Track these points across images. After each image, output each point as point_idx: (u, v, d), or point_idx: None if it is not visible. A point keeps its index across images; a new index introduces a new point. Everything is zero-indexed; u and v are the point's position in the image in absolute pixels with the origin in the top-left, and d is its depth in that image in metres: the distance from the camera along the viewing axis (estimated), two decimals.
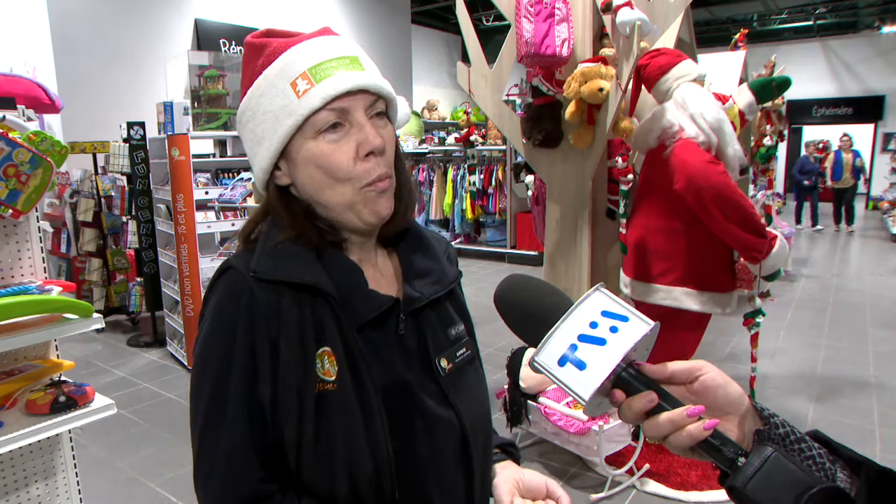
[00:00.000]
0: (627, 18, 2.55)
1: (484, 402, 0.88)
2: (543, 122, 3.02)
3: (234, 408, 0.72)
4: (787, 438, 0.59)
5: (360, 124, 0.75)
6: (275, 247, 0.77)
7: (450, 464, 0.80)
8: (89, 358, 4.72)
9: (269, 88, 0.76)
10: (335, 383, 0.73)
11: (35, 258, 1.81)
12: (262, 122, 0.77)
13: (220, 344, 0.74)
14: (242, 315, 0.73)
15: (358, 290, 0.78)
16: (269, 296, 0.74)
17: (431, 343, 0.83)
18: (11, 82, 1.87)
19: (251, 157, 0.82)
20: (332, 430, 0.72)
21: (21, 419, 1.60)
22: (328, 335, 0.74)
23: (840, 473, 0.57)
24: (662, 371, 0.62)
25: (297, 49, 0.76)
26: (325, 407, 0.73)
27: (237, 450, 0.72)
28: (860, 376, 4.11)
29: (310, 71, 0.74)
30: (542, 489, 0.84)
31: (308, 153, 0.75)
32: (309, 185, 0.78)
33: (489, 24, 12.86)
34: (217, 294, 0.77)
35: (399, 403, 0.77)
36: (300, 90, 0.73)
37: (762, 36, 15.19)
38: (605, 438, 2.60)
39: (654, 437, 0.60)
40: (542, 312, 0.66)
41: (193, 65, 4.58)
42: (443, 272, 0.88)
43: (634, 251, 2.90)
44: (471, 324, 0.92)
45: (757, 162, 5.58)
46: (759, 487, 0.53)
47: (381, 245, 0.88)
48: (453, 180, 8.64)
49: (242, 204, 4.05)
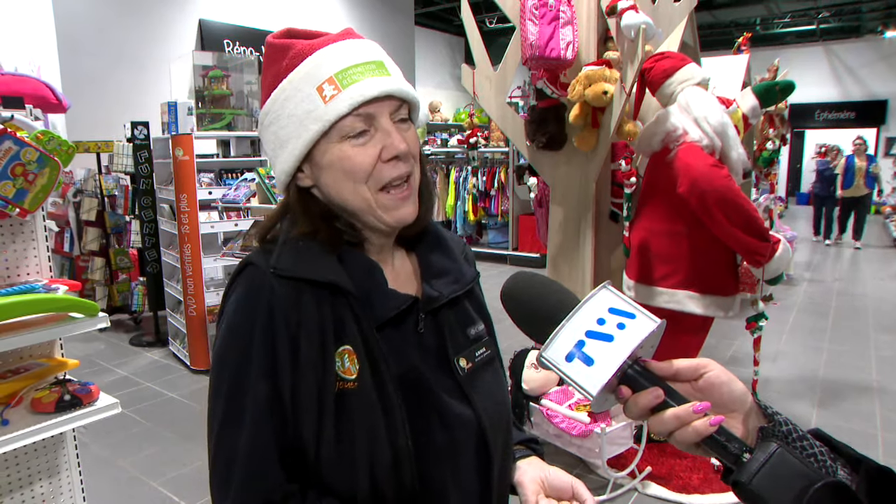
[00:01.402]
0: (632, 22, 2.55)
1: (504, 401, 0.88)
2: (547, 124, 3.03)
3: (253, 407, 0.72)
4: (789, 436, 0.60)
5: (387, 130, 0.76)
6: (296, 244, 0.77)
7: (468, 462, 0.80)
8: (92, 357, 4.73)
9: (295, 92, 0.76)
10: (356, 381, 0.73)
11: (41, 257, 1.82)
12: (285, 126, 0.77)
13: (239, 342, 0.74)
14: (262, 312, 0.73)
15: (378, 289, 0.78)
16: (290, 292, 0.73)
17: (450, 342, 0.83)
18: (19, 82, 1.88)
19: (272, 158, 0.81)
20: (354, 427, 0.72)
21: (26, 417, 1.60)
22: (348, 333, 0.74)
23: (841, 471, 0.58)
24: (668, 368, 0.63)
25: (322, 52, 0.76)
26: (346, 405, 0.73)
27: (256, 450, 0.71)
28: (862, 380, 4.10)
29: (336, 76, 0.74)
30: (568, 489, 0.84)
31: (333, 157, 0.76)
32: (332, 188, 0.78)
33: (492, 27, 12.87)
34: (237, 291, 0.77)
35: (418, 400, 0.77)
36: (327, 95, 0.73)
37: (765, 40, 15.19)
38: (607, 441, 2.60)
39: (660, 433, 0.61)
40: (550, 309, 0.66)
41: (197, 65, 4.59)
42: (461, 272, 0.88)
43: (637, 254, 2.90)
44: (491, 324, 0.92)
45: (760, 165, 5.58)
46: (765, 483, 0.54)
47: (399, 245, 0.88)
48: (456, 182, 8.65)
49: (246, 204, 4.06)
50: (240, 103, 4.71)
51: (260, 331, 0.73)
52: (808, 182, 16.40)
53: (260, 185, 3.64)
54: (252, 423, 0.72)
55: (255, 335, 0.73)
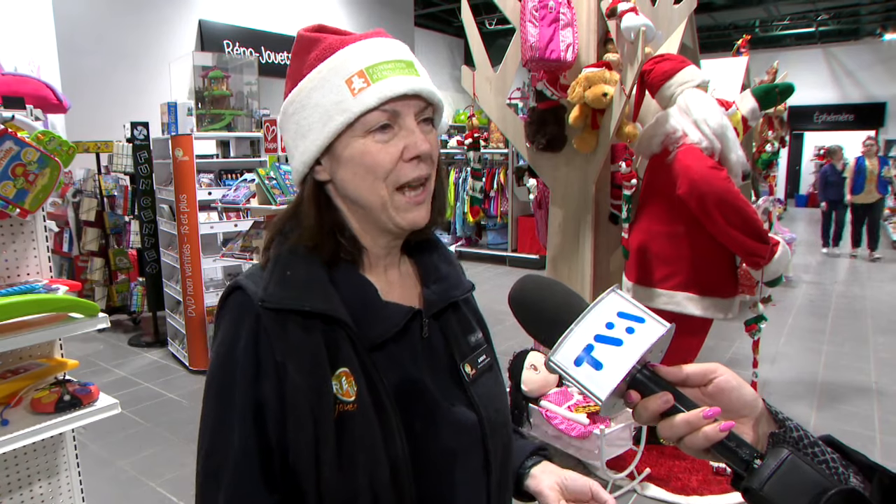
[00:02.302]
0: (632, 24, 2.56)
1: (504, 409, 0.88)
2: (547, 126, 3.03)
3: (239, 433, 0.72)
4: (800, 442, 0.59)
5: (410, 129, 0.76)
6: (286, 266, 0.77)
7: (469, 469, 0.80)
8: (90, 357, 4.73)
9: (323, 83, 0.75)
10: (355, 403, 0.72)
11: (41, 257, 1.82)
12: (309, 116, 0.76)
13: (224, 376, 0.74)
14: (248, 345, 0.73)
15: (372, 310, 0.77)
16: (276, 322, 0.73)
17: (455, 348, 0.83)
18: (20, 82, 1.88)
19: (292, 149, 0.80)
20: (355, 449, 0.72)
21: (26, 417, 1.60)
22: (344, 356, 0.74)
23: (853, 479, 0.57)
24: (678, 373, 0.63)
25: (354, 47, 0.76)
26: (347, 427, 0.72)
27: (243, 476, 0.72)
28: (861, 382, 4.11)
29: (367, 70, 0.74)
30: (587, 491, 0.84)
31: (355, 151, 0.75)
32: (350, 182, 0.77)
33: (492, 28, 12.88)
34: (225, 318, 0.77)
35: (421, 413, 0.77)
36: (355, 88, 0.73)
37: (764, 42, 15.22)
38: (606, 442, 2.60)
39: (669, 439, 0.61)
40: (558, 313, 0.66)
41: (197, 66, 4.60)
42: (459, 278, 0.88)
43: (637, 256, 2.90)
44: (487, 332, 0.93)
45: (759, 167, 5.59)
46: (776, 489, 0.53)
47: (401, 250, 0.88)
48: (455, 183, 8.65)
49: (245, 205, 4.06)
50: (239, 104, 4.72)
51: (244, 358, 0.72)
52: (807, 184, 16.51)
53: (259, 185, 3.64)
54: (238, 451, 0.72)
55: (238, 372, 0.72)
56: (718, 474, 2.87)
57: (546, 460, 0.93)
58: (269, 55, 8.62)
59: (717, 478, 2.85)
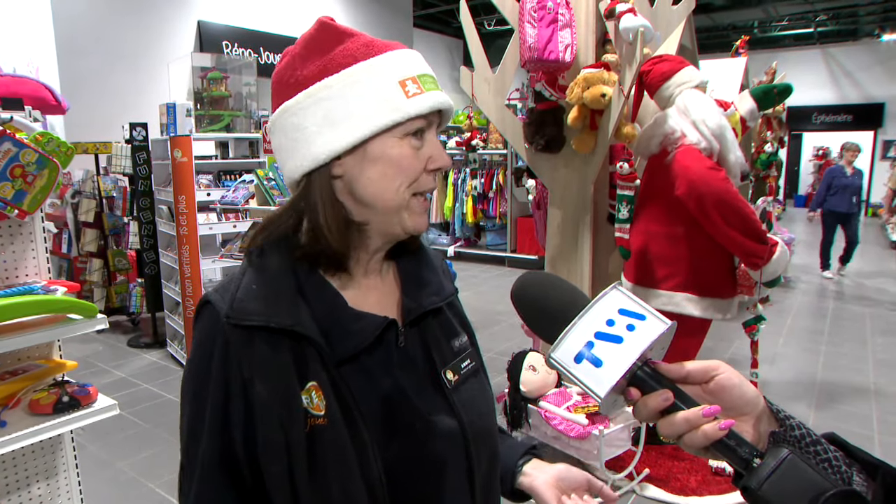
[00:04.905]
0: (630, 25, 2.56)
1: (489, 413, 0.88)
2: (546, 126, 3.04)
3: (204, 460, 0.73)
4: (802, 440, 0.59)
5: (433, 142, 0.79)
6: (254, 279, 0.76)
7: (451, 476, 0.79)
8: (89, 358, 4.72)
9: (371, 78, 0.75)
10: (325, 417, 0.72)
11: (40, 258, 1.82)
12: (346, 106, 0.75)
13: (195, 389, 0.75)
14: (217, 359, 0.73)
15: (343, 321, 0.77)
16: (243, 338, 0.73)
17: (437, 354, 0.82)
18: (18, 83, 1.88)
19: (310, 136, 0.76)
20: (327, 464, 0.72)
21: (24, 419, 1.60)
22: (312, 371, 0.73)
23: (856, 477, 0.57)
24: (679, 370, 0.62)
25: (401, 53, 0.79)
26: (318, 441, 0.72)
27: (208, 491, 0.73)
28: (860, 383, 4.12)
29: (419, 78, 0.77)
30: (583, 482, 0.85)
31: (393, 151, 0.76)
32: (374, 182, 0.76)
33: (491, 29, 12.89)
34: (196, 334, 0.78)
35: (398, 425, 0.76)
36: (409, 91, 0.76)
37: (763, 43, 15.24)
38: (605, 443, 2.60)
39: (669, 437, 0.60)
40: (560, 309, 0.66)
41: (196, 66, 4.60)
42: (441, 285, 0.88)
43: (636, 256, 2.91)
44: (473, 335, 0.92)
45: (758, 168, 5.60)
46: (775, 489, 0.53)
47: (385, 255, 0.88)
48: (454, 184, 8.66)
49: (244, 206, 4.06)
50: (238, 105, 4.72)
51: (213, 381, 0.73)
52: (806, 185, 16.53)
53: (258, 186, 3.64)
54: (200, 479, 0.73)
55: (209, 384, 0.73)
56: (717, 475, 2.87)
57: (538, 458, 0.93)
58: (267, 56, 8.62)
59: (716, 478, 2.85)
